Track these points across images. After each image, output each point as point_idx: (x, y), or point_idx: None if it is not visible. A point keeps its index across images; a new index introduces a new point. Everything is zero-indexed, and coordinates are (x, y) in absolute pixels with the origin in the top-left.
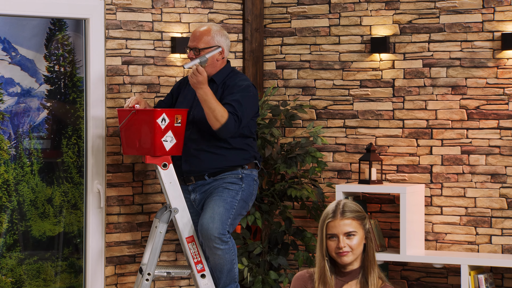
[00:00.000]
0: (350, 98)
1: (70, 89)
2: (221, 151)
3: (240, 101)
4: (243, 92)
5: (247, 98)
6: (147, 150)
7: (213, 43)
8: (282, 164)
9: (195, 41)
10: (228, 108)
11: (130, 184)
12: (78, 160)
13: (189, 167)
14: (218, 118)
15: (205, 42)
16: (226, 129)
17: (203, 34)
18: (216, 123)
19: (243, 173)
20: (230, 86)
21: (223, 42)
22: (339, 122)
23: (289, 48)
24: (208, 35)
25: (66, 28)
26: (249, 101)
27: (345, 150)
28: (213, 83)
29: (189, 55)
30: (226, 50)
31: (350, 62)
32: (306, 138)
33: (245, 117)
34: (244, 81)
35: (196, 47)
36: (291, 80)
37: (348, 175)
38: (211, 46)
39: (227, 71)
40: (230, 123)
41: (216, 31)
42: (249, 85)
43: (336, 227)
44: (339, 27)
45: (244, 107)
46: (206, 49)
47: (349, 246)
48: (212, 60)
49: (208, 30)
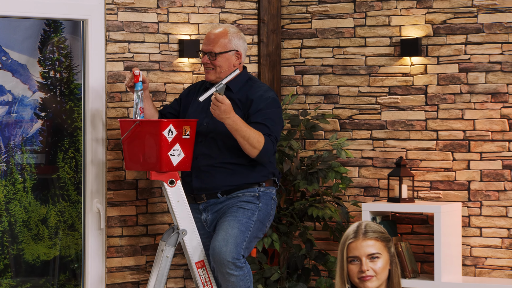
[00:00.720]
0: (377, 107)
1: (67, 97)
2: (236, 167)
3: (272, 119)
4: (272, 107)
5: (277, 113)
6: (152, 165)
7: (230, 46)
8: (302, 180)
9: (211, 45)
10: (262, 130)
11: (134, 203)
12: (75, 176)
13: (200, 184)
14: (255, 145)
15: (221, 45)
16: (265, 154)
17: (220, 36)
18: (254, 150)
19: (260, 191)
20: (255, 100)
21: (240, 46)
22: (366, 133)
23: (309, 51)
24: (225, 38)
25: (62, 30)
26: (279, 116)
27: (372, 165)
28: (229, 92)
29: (203, 59)
30: (243, 54)
31: (377, 66)
32: (329, 151)
33: (279, 135)
34: (268, 92)
35: (212, 51)
36: (312, 87)
37: (375, 193)
38: (228, 50)
39: (244, 78)
40: (269, 146)
41: (234, 33)
42: (275, 97)
43: (358, 248)
44: (365, 27)
45: (277, 124)
46: (223, 54)
47: (373, 270)
48: (229, 66)
49: (224, 32)
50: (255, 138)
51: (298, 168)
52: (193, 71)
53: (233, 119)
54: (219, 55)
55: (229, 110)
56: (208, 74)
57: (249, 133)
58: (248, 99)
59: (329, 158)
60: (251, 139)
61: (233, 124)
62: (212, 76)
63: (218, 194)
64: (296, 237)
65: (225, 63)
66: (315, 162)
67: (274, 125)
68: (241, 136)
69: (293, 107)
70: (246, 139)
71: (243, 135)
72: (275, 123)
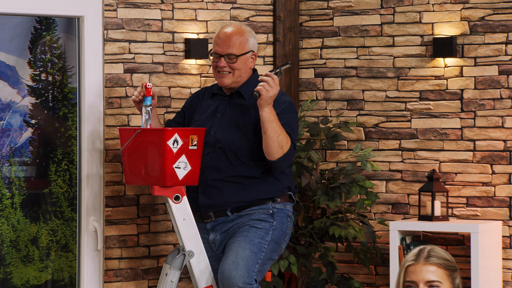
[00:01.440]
0: (407, 114)
1: (60, 103)
2: (248, 181)
3: (290, 125)
4: (289, 113)
5: (294, 119)
6: (155, 179)
7: (248, 47)
8: (323, 196)
9: (230, 46)
10: None
11: (134, 221)
12: (69, 191)
13: (207, 200)
14: (283, 145)
15: (241, 46)
16: (286, 160)
17: (237, 36)
18: (279, 151)
19: (274, 207)
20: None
21: (255, 46)
22: (394, 143)
23: (330, 52)
24: (242, 37)
25: (55, 28)
26: (296, 122)
27: (402, 178)
28: (240, 98)
29: (221, 63)
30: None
31: (407, 68)
32: (353, 163)
33: (296, 141)
34: (283, 96)
35: (231, 53)
36: (334, 91)
37: (405, 210)
38: (247, 52)
39: (254, 81)
40: (291, 152)
41: (249, 32)
42: (291, 101)
43: (416, 272)
44: (394, 25)
45: (295, 132)
46: (243, 55)
47: None
48: (246, 69)
49: (240, 31)
50: (285, 137)
51: (318, 182)
52: (201, 74)
53: (271, 108)
54: (240, 57)
55: (272, 97)
56: (223, 79)
57: (281, 130)
58: None
59: (353, 171)
60: (281, 137)
61: (271, 114)
62: (228, 80)
63: (228, 212)
64: (316, 260)
65: (244, 66)
66: (337, 176)
67: (293, 132)
68: (273, 130)
69: (312, 114)
70: (277, 135)
71: (275, 130)
72: (293, 130)
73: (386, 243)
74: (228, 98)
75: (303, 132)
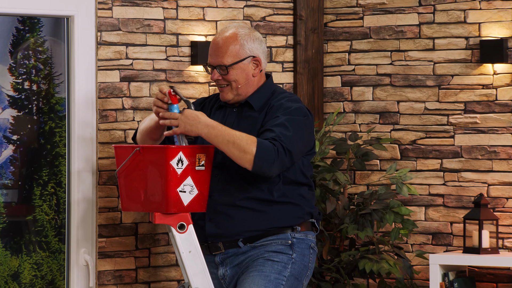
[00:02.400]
0: (450, 128)
1: (46, 116)
2: (262, 206)
3: (285, 125)
4: (291, 114)
5: (296, 122)
6: (156, 204)
7: (244, 53)
8: (351, 224)
9: (219, 56)
10: (266, 134)
11: (132, 253)
12: (57, 218)
13: (215, 229)
14: (244, 147)
15: (233, 54)
16: (265, 162)
17: (228, 42)
18: (245, 157)
19: (294, 237)
20: (273, 109)
21: (257, 49)
22: (434, 163)
23: (360, 57)
24: (235, 43)
25: (40, 29)
26: (299, 126)
27: (443, 204)
28: (250, 109)
29: (214, 76)
30: (263, 59)
31: (449, 76)
32: (386, 186)
33: (295, 147)
34: (293, 102)
35: (221, 63)
36: (364, 103)
37: (447, 240)
38: (242, 59)
39: (268, 90)
40: (266, 150)
41: (245, 34)
42: (301, 107)
43: None
44: (434, 25)
45: (292, 133)
46: (236, 64)
47: None
48: (247, 78)
49: (233, 36)
50: (243, 139)
51: (346, 208)
52: (209, 83)
53: (206, 123)
54: (231, 67)
55: (192, 117)
56: (223, 93)
57: (234, 135)
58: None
59: (386, 196)
60: (237, 142)
61: (210, 130)
62: (228, 95)
63: (239, 242)
64: None
65: (241, 75)
66: (368, 201)
67: (287, 130)
68: (223, 142)
69: (339, 129)
70: (231, 142)
71: (226, 139)
72: (287, 130)
73: (425, 280)
74: (236, 110)
75: (328, 150)
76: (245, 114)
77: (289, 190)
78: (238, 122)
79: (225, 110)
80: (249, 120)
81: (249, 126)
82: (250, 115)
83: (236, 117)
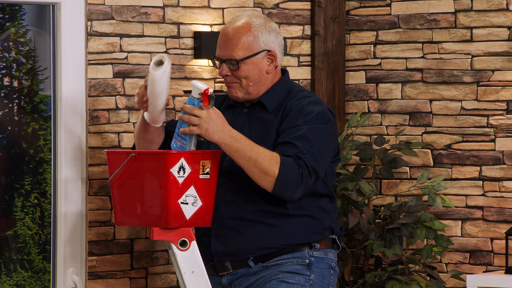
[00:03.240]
0: (490, 131)
1: (29, 116)
2: (276, 220)
3: (308, 138)
4: (313, 123)
5: (321, 132)
6: (154, 218)
7: (258, 46)
8: (377, 240)
9: (229, 49)
10: (287, 149)
11: (127, 273)
12: (41, 233)
13: (223, 246)
14: (266, 169)
15: (245, 47)
16: (287, 185)
17: (240, 33)
18: (266, 179)
19: (312, 256)
20: (291, 113)
21: (273, 42)
22: (473, 170)
23: (388, 49)
24: (248, 34)
25: (22, 17)
26: (324, 138)
27: (483, 218)
28: (263, 110)
29: (222, 71)
30: (279, 53)
31: (489, 71)
32: (417, 197)
33: (320, 165)
34: (315, 105)
35: (232, 57)
36: (392, 102)
37: (487, 259)
38: (255, 53)
39: (283, 88)
40: (291, 173)
41: (260, 25)
42: (323, 111)
43: None
44: (472, 13)
45: (317, 149)
46: (248, 59)
47: None
48: (259, 74)
49: (246, 26)
50: (266, 158)
51: (371, 222)
52: (216, 79)
53: (230, 134)
54: (243, 62)
55: (217, 120)
56: (231, 90)
57: (256, 152)
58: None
59: (417, 208)
60: (260, 161)
61: (232, 142)
62: (238, 92)
63: (250, 262)
64: None
65: (254, 72)
66: (396, 214)
67: (311, 145)
68: (244, 158)
69: (363, 132)
70: (253, 160)
71: (248, 156)
72: (312, 143)
73: None
74: (247, 111)
75: (350, 156)
76: (258, 116)
77: (307, 202)
78: (250, 124)
79: (234, 110)
80: (262, 122)
81: (262, 129)
82: (263, 117)
83: (247, 118)
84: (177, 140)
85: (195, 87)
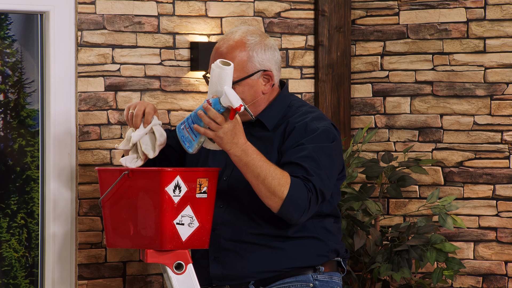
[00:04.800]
0: (504, 148)
1: (15, 132)
2: (278, 242)
3: (314, 158)
4: (318, 142)
5: (326, 152)
6: (148, 239)
7: (253, 67)
8: (384, 263)
9: None
10: (295, 171)
11: None
12: (27, 256)
13: (222, 270)
14: (275, 190)
15: (239, 68)
16: (293, 208)
17: (234, 53)
18: (273, 199)
19: (316, 279)
20: (295, 131)
21: (269, 61)
22: (486, 189)
23: (395, 60)
24: (242, 54)
25: (8, 27)
26: (330, 157)
27: (497, 239)
28: (263, 129)
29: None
30: (275, 71)
31: (504, 84)
32: (427, 217)
33: (327, 186)
34: (318, 122)
35: None
36: (400, 116)
37: (501, 283)
38: (250, 74)
39: (282, 103)
40: (300, 195)
41: (255, 44)
42: (328, 128)
43: None
44: (484, 22)
45: (324, 170)
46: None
47: None
48: (254, 95)
49: (241, 45)
50: (275, 178)
51: (378, 244)
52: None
53: (243, 147)
54: (237, 83)
55: (235, 132)
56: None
57: (267, 170)
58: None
59: (427, 229)
60: (270, 178)
61: (243, 155)
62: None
63: (250, 286)
64: None
65: (249, 93)
66: (404, 235)
67: (318, 166)
68: (253, 174)
69: (369, 148)
70: (262, 178)
71: (257, 172)
72: (319, 164)
73: None
74: (247, 131)
75: (356, 174)
76: (257, 135)
77: (311, 223)
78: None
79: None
80: (261, 140)
81: (262, 149)
82: (263, 136)
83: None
84: (186, 130)
85: (227, 98)
